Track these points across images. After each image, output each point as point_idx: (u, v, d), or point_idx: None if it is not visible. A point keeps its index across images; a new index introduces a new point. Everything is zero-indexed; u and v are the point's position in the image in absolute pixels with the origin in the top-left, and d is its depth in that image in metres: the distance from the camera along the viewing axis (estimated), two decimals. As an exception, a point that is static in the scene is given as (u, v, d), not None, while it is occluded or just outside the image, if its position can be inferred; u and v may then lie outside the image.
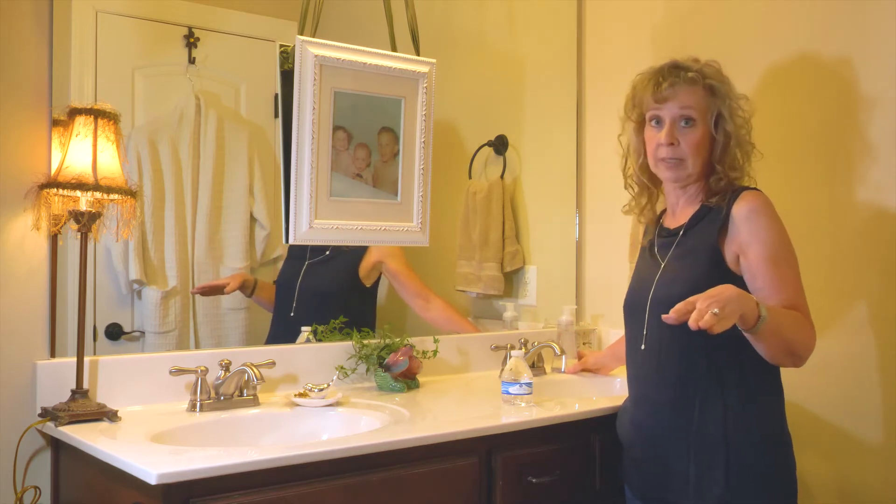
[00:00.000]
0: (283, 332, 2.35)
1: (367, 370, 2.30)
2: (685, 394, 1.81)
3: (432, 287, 2.64)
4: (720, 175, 1.85)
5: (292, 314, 2.35)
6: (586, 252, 2.91)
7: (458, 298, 2.82)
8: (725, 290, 1.60)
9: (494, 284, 2.76)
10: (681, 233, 1.88)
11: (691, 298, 1.58)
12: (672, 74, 1.86)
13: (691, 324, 1.55)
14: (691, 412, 1.79)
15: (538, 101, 2.89)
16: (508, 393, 2.08)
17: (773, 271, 1.74)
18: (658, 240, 1.95)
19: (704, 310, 1.55)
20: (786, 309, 1.72)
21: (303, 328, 2.33)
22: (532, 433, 1.96)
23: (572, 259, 2.90)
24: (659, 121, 1.87)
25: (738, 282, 1.75)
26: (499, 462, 1.90)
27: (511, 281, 2.83)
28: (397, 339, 2.33)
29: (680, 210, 1.93)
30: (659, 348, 1.85)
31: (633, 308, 1.95)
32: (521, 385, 2.07)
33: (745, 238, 1.77)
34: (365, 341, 2.30)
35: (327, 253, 2.40)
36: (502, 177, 2.81)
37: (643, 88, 1.89)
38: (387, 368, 2.25)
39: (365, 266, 2.46)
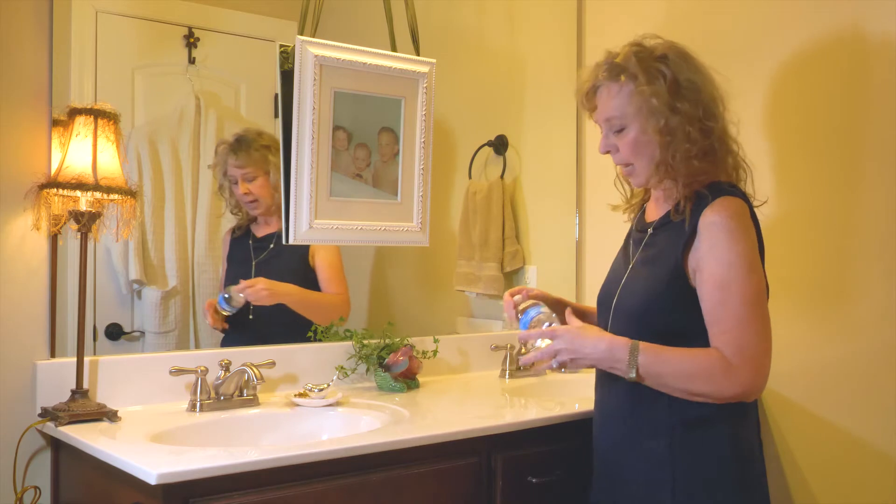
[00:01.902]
0: (242, 337, 2.27)
1: (367, 370, 2.30)
2: (634, 404, 1.69)
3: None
4: (668, 182, 1.71)
5: (251, 316, 2.29)
6: (586, 252, 2.90)
7: (459, 298, 2.82)
8: (586, 341, 1.65)
9: (494, 284, 2.76)
10: (650, 230, 1.76)
11: (550, 348, 1.66)
12: (591, 78, 1.72)
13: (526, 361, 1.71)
14: (640, 424, 1.69)
15: (538, 101, 2.89)
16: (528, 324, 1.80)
17: (717, 295, 1.60)
18: (635, 233, 1.83)
19: (545, 359, 1.66)
20: (691, 351, 1.61)
21: None
22: (532, 433, 1.96)
23: (572, 259, 2.90)
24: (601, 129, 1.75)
25: (696, 300, 1.64)
26: (499, 462, 1.90)
27: (511, 281, 2.83)
28: (397, 339, 2.33)
29: (660, 203, 1.80)
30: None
31: (601, 306, 1.83)
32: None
33: (701, 252, 1.63)
34: (365, 341, 2.30)
35: (271, 247, 2.34)
36: (502, 177, 2.81)
37: (577, 96, 1.78)
38: (387, 368, 2.25)
39: (312, 253, 2.38)
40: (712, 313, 1.62)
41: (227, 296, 2.23)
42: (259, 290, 2.25)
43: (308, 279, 2.36)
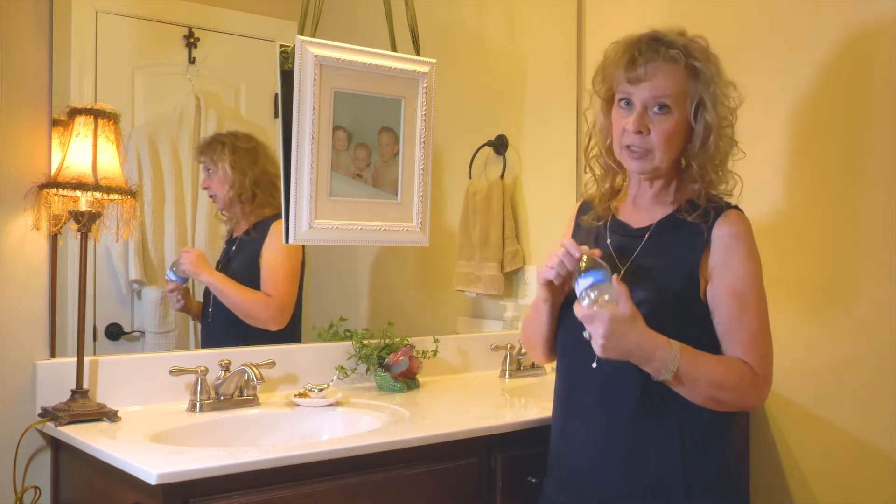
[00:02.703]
0: (205, 338, 2.28)
1: (367, 370, 2.30)
2: (643, 413, 1.62)
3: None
4: (694, 175, 1.64)
5: (210, 319, 2.27)
6: (586, 252, 2.90)
7: (459, 298, 2.82)
8: (631, 336, 1.50)
9: (494, 284, 2.76)
10: (646, 236, 1.68)
11: (590, 326, 1.51)
12: (650, 50, 1.61)
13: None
14: (647, 447, 1.62)
15: (538, 101, 2.89)
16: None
17: (737, 308, 1.60)
18: (612, 235, 1.72)
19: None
20: (724, 359, 1.59)
21: None
22: (532, 433, 1.96)
23: (572, 259, 2.89)
24: (629, 103, 1.63)
25: (707, 312, 1.62)
26: (499, 462, 1.90)
27: (511, 281, 2.83)
28: (397, 339, 2.33)
29: (646, 206, 1.72)
30: (610, 366, 1.60)
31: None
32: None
33: (716, 265, 1.61)
34: (365, 341, 2.30)
35: (233, 249, 2.32)
36: (502, 177, 2.81)
37: (615, 63, 1.64)
38: (387, 368, 2.25)
39: (261, 254, 2.32)
40: (729, 325, 1.61)
41: (173, 266, 2.23)
42: (188, 255, 2.24)
43: (256, 279, 2.31)
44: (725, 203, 1.68)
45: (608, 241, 1.72)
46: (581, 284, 1.55)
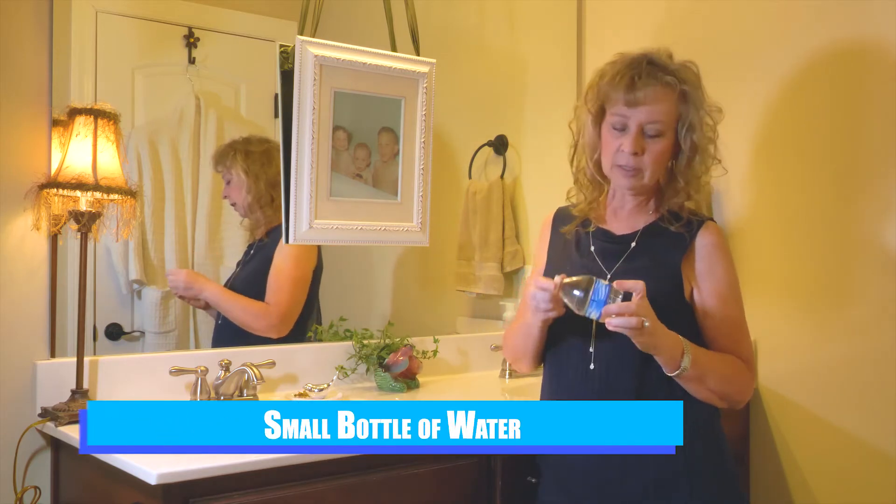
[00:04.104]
0: (216, 340, 2.28)
1: (367, 370, 2.30)
2: None
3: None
4: (678, 189, 1.72)
5: (220, 321, 2.28)
6: (586, 252, 2.90)
7: (459, 298, 2.82)
8: (659, 324, 1.56)
9: (494, 284, 2.76)
10: (632, 243, 1.73)
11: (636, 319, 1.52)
12: (649, 75, 1.65)
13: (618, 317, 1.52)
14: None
15: (538, 101, 2.89)
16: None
17: (725, 310, 1.69)
18: (596, 242, 1.76)
19: (634, 317, 1.52)
20: (723, 355, 1.68)
21: None
22: (532, 433, 1.96)
23: (572, 259, 2.89)
24: (623, 125, 1.67)
25: (691, 312, 1.69)
26: (498, 462, 1.90)
27: (511, 281, 2.83)
28: (397, 339, 2.33)
29: (626, 216, 1.78)
30: (607, 369, 1.67)
31: (571, 317, 1.66)
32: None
33: (702, 272, 1.69)
34: (365, 341, 2.30)
35: (252, 252, 2.33)
36: (502, 177, 2.81)
37: (613, 84, 1.66)
38: (387, 368, 2.25)
39: (272, 259, 2.32)
40: (720, 327, 1.70)
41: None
42: (175, 279, 2.23)
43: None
44: (704, 215, 1.77)
45: (591, 247, 1.78)
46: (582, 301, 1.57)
